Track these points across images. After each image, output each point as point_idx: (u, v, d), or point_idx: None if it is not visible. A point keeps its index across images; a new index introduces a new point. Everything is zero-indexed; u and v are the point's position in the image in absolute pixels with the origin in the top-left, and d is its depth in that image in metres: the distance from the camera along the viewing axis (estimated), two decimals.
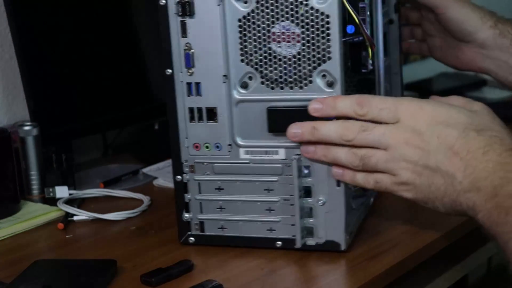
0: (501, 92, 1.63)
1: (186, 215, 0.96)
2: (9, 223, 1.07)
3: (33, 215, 1.10)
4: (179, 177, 0.95)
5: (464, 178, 0.78)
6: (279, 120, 0.90)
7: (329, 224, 0.91)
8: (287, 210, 0.92)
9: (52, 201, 1.14)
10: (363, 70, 0.97)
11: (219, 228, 0.95)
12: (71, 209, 1.10)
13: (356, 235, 0.95)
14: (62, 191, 1.15)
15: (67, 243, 1.02)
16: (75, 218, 1.08)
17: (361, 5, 0.92)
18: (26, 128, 1.16)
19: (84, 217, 1.08)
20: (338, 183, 0.89)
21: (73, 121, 1.27)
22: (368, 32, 0.92)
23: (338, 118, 0.86)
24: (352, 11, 0.91)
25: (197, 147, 0.94)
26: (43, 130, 1.19)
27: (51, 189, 1.15)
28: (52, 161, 1.22)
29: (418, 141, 0.80)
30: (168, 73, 0.93)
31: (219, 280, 0.84)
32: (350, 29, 0.91)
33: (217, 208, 0.95)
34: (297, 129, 0.87)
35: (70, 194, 1.16)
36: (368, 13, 0.94)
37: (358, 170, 0.85)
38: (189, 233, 0.96)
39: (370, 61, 0.95)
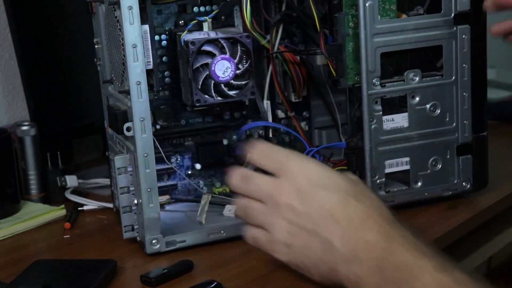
0: (501, 92, 1.63)
1: (112, 187, 1.05)
2: (9, 223, 1.07)
3: (33, 215, 1.10)
4: (107, 153, 1.06)
5: (342, 246, 0.74)
6: (111, 118, 0.93)
7: (140, 225, 0.94)
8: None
9: (52, 198, 1.16)
10: (339, 87, 0.96)
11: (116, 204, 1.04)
12: (79, 199, 1.14)
13: None
14: (72, 180, 1.18)
15: (67, 243, 1.02)
16: (85, 207, 1.12)
17: (334, 15, 0.93)
18: (24, 128, 1.16)
19: (93, 207, 1.12)
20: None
21: (73, 121, 1.27)
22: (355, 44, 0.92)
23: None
24: (318, 21, 0.92)
25: (107, 129, 1.03)
26: (43, 130, 1.19)
27: (62, 178, 1.17)
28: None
29: (298, 201, 0.77)
30: (95, 61, 1.02)
31: (219, 280, 0.84)
32: (330, 40, 0.94)
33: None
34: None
35: (79, 184, 1.19)
36: (352, 24, 0.93)
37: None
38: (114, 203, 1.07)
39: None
